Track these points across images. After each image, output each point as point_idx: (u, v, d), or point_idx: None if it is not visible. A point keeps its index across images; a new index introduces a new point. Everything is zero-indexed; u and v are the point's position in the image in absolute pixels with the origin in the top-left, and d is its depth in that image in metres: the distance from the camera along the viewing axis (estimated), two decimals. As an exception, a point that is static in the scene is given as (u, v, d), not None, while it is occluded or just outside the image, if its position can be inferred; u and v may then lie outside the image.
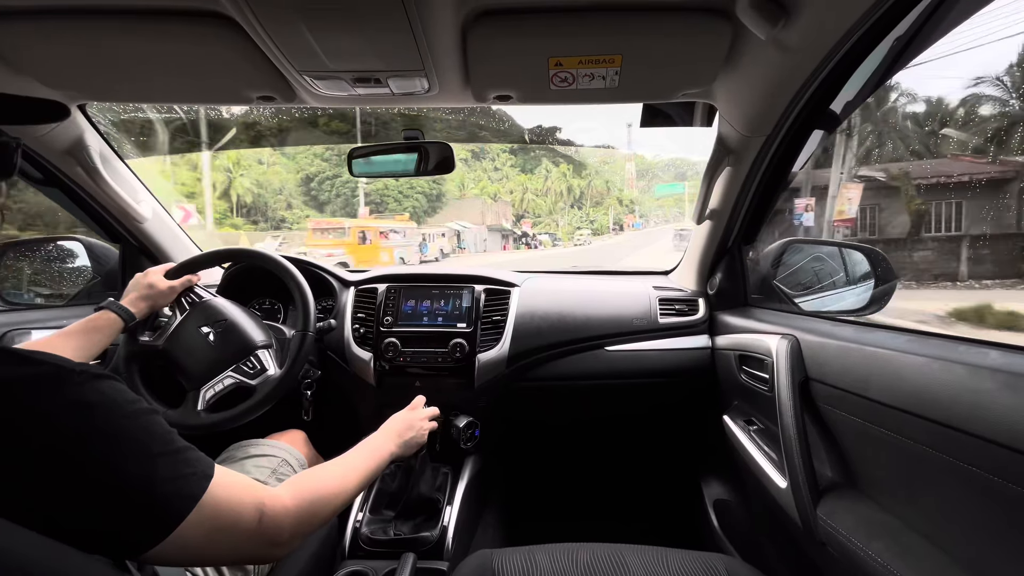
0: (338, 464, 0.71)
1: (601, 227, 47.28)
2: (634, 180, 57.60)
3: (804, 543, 0.85)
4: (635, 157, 61.22)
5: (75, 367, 0.45)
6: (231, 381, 1.04)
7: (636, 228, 50.23)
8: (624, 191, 55.65)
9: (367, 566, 1.00)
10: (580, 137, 51.55)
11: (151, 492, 0.45)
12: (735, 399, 1.22)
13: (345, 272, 1.50)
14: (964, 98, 4.54)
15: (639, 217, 53.55)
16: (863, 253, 1.19)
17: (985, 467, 0.52)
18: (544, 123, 52.03)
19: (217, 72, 0.94)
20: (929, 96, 6.12)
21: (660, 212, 57.69)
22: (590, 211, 48.73)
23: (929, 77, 3.54)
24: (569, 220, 45.65)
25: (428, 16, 0.76)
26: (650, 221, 54.46)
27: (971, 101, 4.15)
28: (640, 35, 0.82)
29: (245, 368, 1.06)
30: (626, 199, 55.41)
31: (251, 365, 1.06)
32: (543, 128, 49.06)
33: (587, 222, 46.32)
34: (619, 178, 56.98)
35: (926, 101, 6.07)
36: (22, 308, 1.39)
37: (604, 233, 46.04)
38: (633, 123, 22.59)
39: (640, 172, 61.04)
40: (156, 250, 1.51)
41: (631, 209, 54.72)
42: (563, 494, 1.72)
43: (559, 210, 45.85)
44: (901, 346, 0.68)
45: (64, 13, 0.79)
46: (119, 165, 1.34)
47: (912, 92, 5.75)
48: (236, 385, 1.04)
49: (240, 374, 1.05)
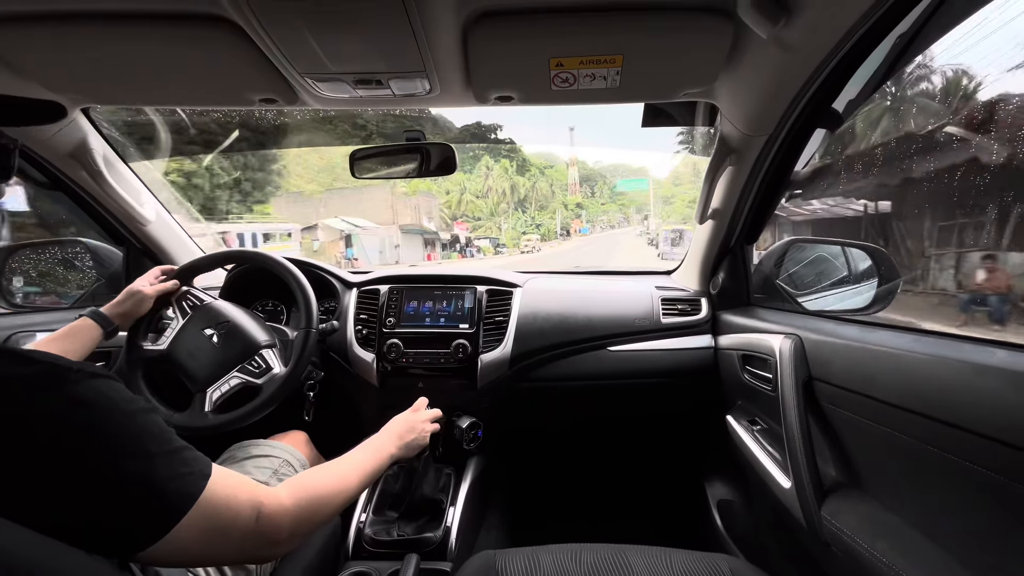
0: (338, 465, 0.71)
1: (548, 232, 44.01)
2: (577, 185, 56.52)
3: (808, 543, 0.85)
4: (577, 162, 59.92)
5: (72, 366, 0.45)
6: (237, 381, 1.05)
7: (583, 234, 47.81)
8: (568, 196, 54.10)
9: (371, 567, 1.00)
10: (521, 141, 51.42)
11: (149, 491, 0.45)
12: (738, 399, 1.22)
13: (347, 273, 1.50)
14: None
15: (586, 222, 52.31)
16: (866, 252, 1.18)
17: (990, 466, 0.52)
18: (484, 120, 48.27)
19: (219, 75, 0.94)
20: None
21: (605, 218, 56.85)
22: (535, 215, 45.68)
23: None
24: (513, 224, 42.66)
25: (429, 18, 0.76)
26: (596, 226, 53.34)
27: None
28: (641, 35, 0.82)
29: (250, 368, 1.06)
30: (571, 203, 53.67)
31: (256, 365, 1.07)
32: (483, 125, 44.68)
33: (533, 226, 43.45)
34: (563, 183, 55.40)
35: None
36: (27, 311, 1.40)
37: (552, 239, 42.73)
38: (576, 126, 21.54)
39: (582, 177, 59.55)
40: (160, 252, 1.51)
41: (577, 214, 53.22)
42: (566, 494, 1.72)
43: (502, 212, 42.12)
44: (905, 345, 0.68)
45: (67, 17, 0.79)
46: (122, 168, 1.35)
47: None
48: (242, 385, 1.05)
49: (246, 374, 1.06)
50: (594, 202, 59.16)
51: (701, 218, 1.31)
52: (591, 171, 66.98)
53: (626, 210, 58.35)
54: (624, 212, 58.06)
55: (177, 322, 1.10)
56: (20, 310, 1.40)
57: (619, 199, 60.53)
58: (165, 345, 1.08)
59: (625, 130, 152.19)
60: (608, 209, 58.80)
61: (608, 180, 64.79)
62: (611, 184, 63.03)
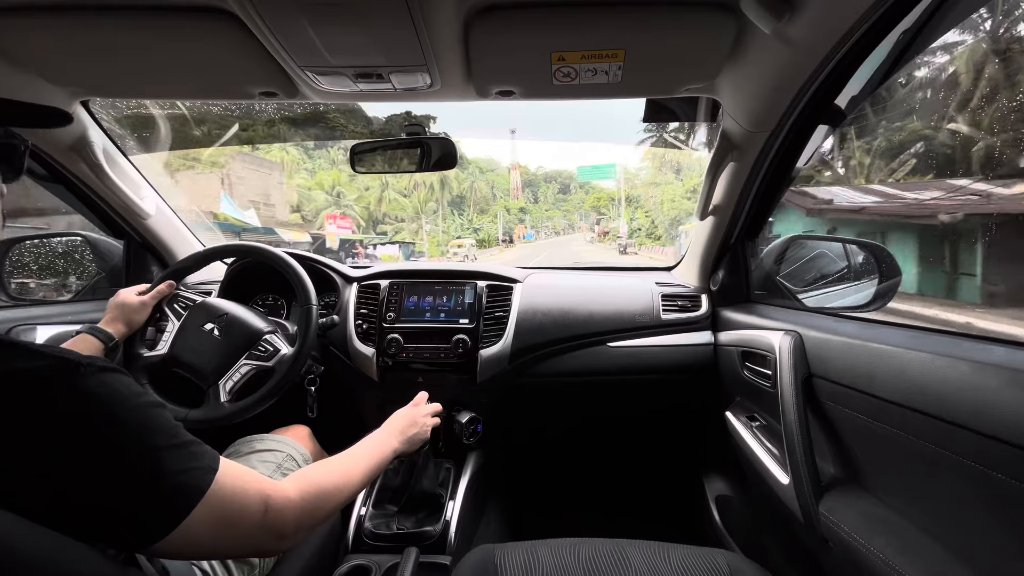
0: (342, 459, 0.72)
1: (489, 237, 39.81)
2: (520, 189, 54.36)
3: (806, 539, 0.85)
4: (520, 167, 57.87)
5: (81, 359, 0.45)
6: (248, 368, 1.06)
7: (528, 240, 45.44)
8: (511, 200, 50.88)
9: (370, 560, 1.01)
10: (460, 137, 47.06)
11: (157, 485, 0.45)
12: (738, 395, 1.22)
13: (348, 268, 1.50)
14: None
15: (529, 228, 50.03)
16: (867, 249, 1.18)
17: (988, 464, 0.52)
18: (415, 111, 44.20)
19: (219, 68, 0.94)
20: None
21: (549, 224, 55.05)
22: (474, 218, 41.54)
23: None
24: (447, 227, 36.89)
25: (430, 11, 0.76)
26: (541, 232, 51.07)
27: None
28: (643, 29, 0.81)
29: (258, 353, 1.08)
30: (514, 207, 50.36)
31: (263, 349, 1.08)
32: (414, 117, 39.96)
33: (470, 231, 38.77)
34: (503, 187, 51.90)
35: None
36: (27, 304, 1.40)
37: (492, 245, 39.23)
38: (517, 129, 20.69)
39: (525, 183, 57.55)
40: (160, 246, 1.51)
41: (520, 218, 50.52)
42: (565, 490, 1.73)
43: (430, 211, 36.07)
44: (905, 342, 0.68)
45: (67, 9, 0.79)
46: (122, 161, 1.34)
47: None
48: (253, 371, 1.06)
49: (255, 360, 1.07)
50: (538, 208, 57.62)
51: (702, 214, 1.31)
52: (533, 175, 65.11)
53: (571, 216, 56.76)
54: (569, 218, 56.71)
55: (173, 324, 1.10)
56: (20, 303, 1.40)
57: (563, 205, 58.91)
58: (165, 349, 1.07)
59: (572, 132, 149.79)
60: (552, 215, 57.50)
61: (553, 184, 63.15)
62: (555, 189, 61.17)
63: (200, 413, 1.01)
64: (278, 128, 15.38)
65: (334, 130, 17.78)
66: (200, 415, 1.01)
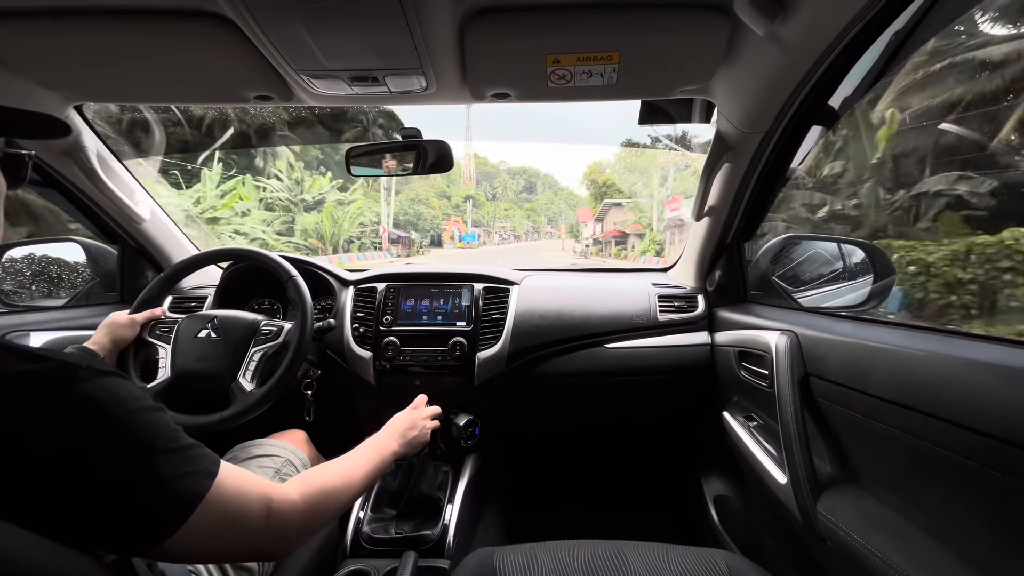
0: (343, 462, 0.72)
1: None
2: (473, 178, 45.26)
3: (804, 538, 0.85)
4: (475, 157, 49.51)
5: (80, 363, 0.44)
6: (260, 354, 1.08)
7: (468, 242, 33.37)
8: (461, 187, 38.57)
9: (369, 565, 1.00)
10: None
11: (156, 489, 0.45)
12: (735, 395, 1.22)
13: (344, 271, 1.50)
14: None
15: (473, 227, 39.16)
16: (862, 249, 1.19)
17: (983, 461, 0.53)
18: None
19: (214, 72, 0.94)
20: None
21: (507, 224, 44.11)
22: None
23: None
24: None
25: (425, 14, 0.76)
26: (493, 235, 39.97)
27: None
28: (638, 32, 0.82)
29: (264, 336, 1.10)
30: (456, 196, 37.49)
31: (267, 332, 1.11)
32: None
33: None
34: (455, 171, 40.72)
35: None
36: (21, 310, 1.39)
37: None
38: (477, 126, 16.14)
39: (483, 175, 48.45)
40: (154, 251, 1.50)
41: (463, 210, 38.17)
42: (563, 491, 1.73)
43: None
44: (900, 341, 0.68)
45: (60, 13, 0.79)
46: (116, 166, 1.34)
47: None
48: (265, 355, 1.08)
49: (263, 344, 1.09)
50: (496, 205, 47.91)
51: (698, 215, 1.31)
52: (493, 168, 55.36)
53: (536, 218, 47.34)
54: (535, 220, 47.68)
55: (165, 349, 1.09)
56: (14, 309, 1.39)
57: (527, 205, 49.89)
58: (168, 371, 1.07)
59: (536, 130, 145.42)
60: (513, 214, 47.36)
61: (518, 179, 54.65)
62: (519, 185, 51.73)
63: (233, 409, 1.01)
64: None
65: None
66: (234, 410, 1.01)
